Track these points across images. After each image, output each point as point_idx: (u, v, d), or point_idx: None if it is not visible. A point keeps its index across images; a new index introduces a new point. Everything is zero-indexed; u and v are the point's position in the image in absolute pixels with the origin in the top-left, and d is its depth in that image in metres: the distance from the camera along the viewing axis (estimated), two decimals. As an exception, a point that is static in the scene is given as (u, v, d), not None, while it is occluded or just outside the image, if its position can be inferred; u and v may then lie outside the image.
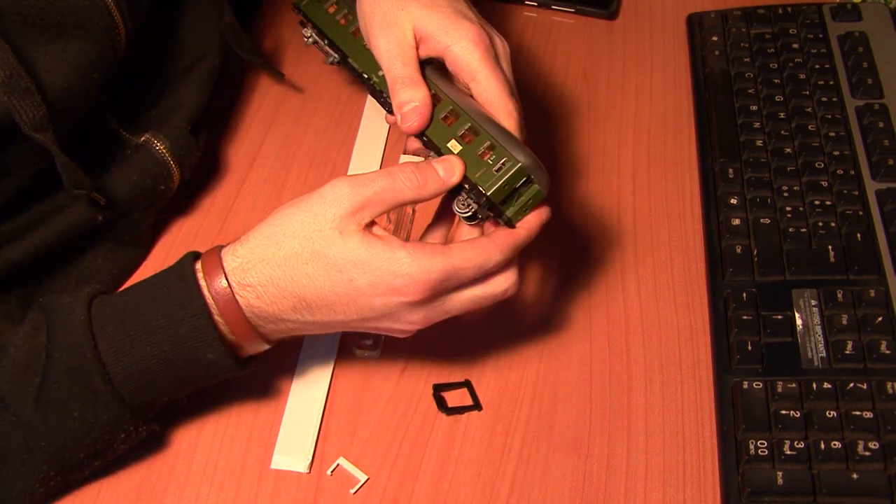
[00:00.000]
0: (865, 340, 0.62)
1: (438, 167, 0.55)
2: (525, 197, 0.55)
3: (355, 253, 0.52)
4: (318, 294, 0.53)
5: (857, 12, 0.83)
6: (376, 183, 0.53)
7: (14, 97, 0.54)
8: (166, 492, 0.59)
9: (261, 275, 0.53)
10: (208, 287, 0.54)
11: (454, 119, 0.58)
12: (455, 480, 0.60)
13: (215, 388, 0.64)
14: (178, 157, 0.68)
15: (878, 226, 0.68)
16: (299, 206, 0.54)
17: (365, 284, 0.52)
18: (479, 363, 0.66)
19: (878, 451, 0.57)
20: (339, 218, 0.52)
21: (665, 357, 0.66)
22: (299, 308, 0.54)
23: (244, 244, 0.54)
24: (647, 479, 0.60)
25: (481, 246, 0.54)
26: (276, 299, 0.54)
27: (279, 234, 0.53)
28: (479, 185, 0.55)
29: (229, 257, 0.54)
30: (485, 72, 0.58)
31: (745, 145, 0.75)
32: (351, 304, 0.53)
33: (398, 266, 0.52)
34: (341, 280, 0.52)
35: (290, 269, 0.53)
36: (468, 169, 0.56)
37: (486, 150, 0.56)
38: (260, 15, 0.90)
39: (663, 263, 0.71)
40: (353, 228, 0.52)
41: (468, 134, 0.57)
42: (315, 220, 0.53)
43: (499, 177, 0.54)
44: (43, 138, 0.56)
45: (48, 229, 0.62)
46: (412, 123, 0.58)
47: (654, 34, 0.89)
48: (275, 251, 0.53)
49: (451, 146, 0.57)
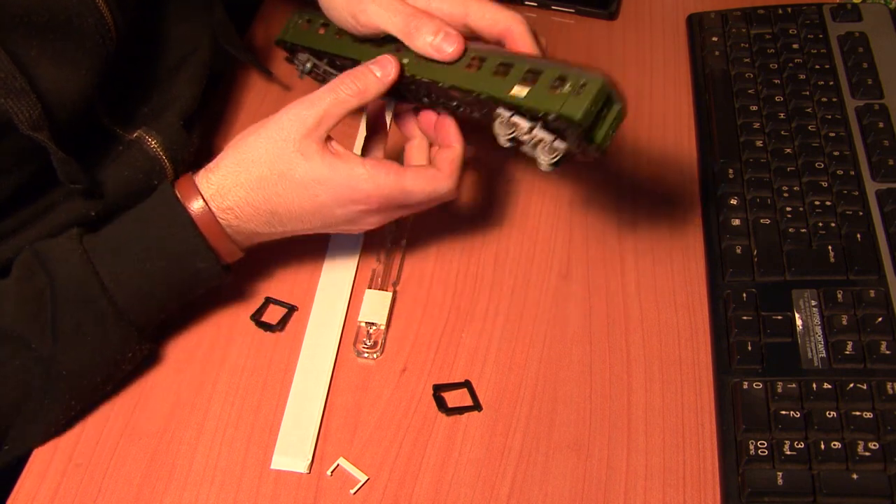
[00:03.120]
0: (865, 341, 0.62)
1: (374, 68, 0.60)
2: (609, 119, 0.54)
3: (318, 171, 0.58)
4: (287, 209, 0.60)
5: (857, 12, 0.83)
6: (323, 100, 0.59)
7: (10, 98, 0.55)
8: (166, 492, 0.59)
9: (236, 197, 0.60)
10: (189, 207, 0.60)
11: (507, 70, 0.57)
12: (455, 480, 0.60)
13: (215, 387, 0.64)
14: (170, 152, 0.69)
15: (878, 226, 0.68)
16: (260, 134, 0.60)
17: (328, 199, 0.59)
18: (479, 363, 0.66)
19: (878, 451, 0.57)
20: (299, 140, 0.58)
21: (665, 357, 0.66)
22: (272, 222, 0.61)
23: (216, 172, 0.60)
24: (647, 479, 0.60)
25: (432, 176, 0.61)
26: (251, 217, 0.60)
27: (247, 160, 0.59)
28: (566, 114, 0.52)
29: (204, 184, 0.60)
30: (471, 2, 0.61)
31: (745, 145, 0.75)
32: (316, 214, 0.60)
33: (357, 181, 0.59)
34: (307, 195, 0.59)
35: (261, 190, 0.59)
36: (546, 104, 0.53)
37: (555, 83, 0.54)
38: (259, 15, 0.90)
39: (663, 263, 0.71)
40: (314, 148, 0.59)
41: (529, 76, 0.55)
42: (276, 144, 0.59)
43: (582, 99, 0.52)
44: (40, 137, 0.57)
45: (43, 226, 0.63)
46: (450, 48, 0.60)
47: (654, 34, 0.89)
48: (246, 176, 0.59)
49: (515, 93, 0.55)
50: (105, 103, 0.67)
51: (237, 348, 0.66)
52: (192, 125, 0.72)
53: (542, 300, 0.69)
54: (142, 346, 0.62)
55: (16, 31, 0.56)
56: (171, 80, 0.73)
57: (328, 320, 0.68)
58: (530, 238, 0.73)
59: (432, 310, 0.68)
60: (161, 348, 0.66)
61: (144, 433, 0.62)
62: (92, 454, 0.61)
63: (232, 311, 0.68)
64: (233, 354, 0.66)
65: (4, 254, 0.62)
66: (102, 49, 0.62)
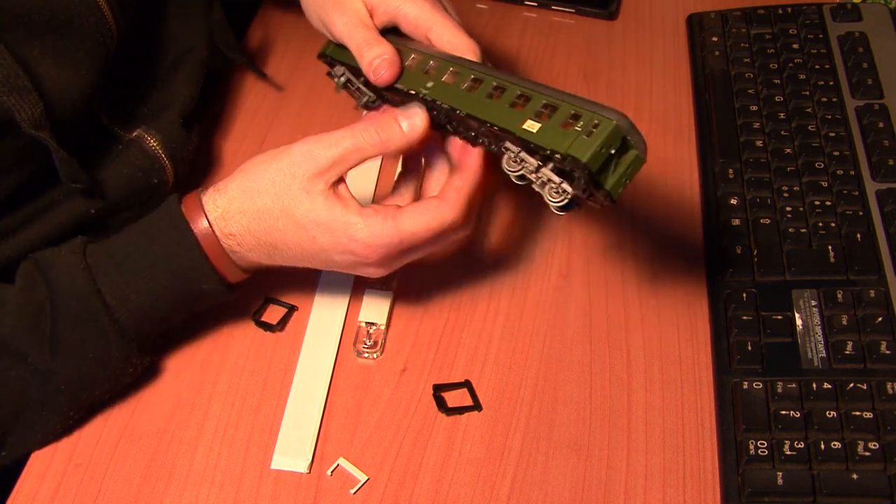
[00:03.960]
0: (865, 341, 0.62)
1: (402, 120, 0.58)
2: (623, 165, 0.50)
3: (317, 214, 0.56)
4: (286, 245, 0.58)
5: (857, 12, 0.83)
6: (342, 143, 0.57)
7: (12, 96, 0.55)
8: (166, 492, 0.59)
9: (239, 225, 0.58)
10: (194, 227, 0.58)
11: (525, 102, 0.54)
12: (455, 480, 0.60)
13: (215, 387, 0.64)
14: (170, 150, 0.69)
15: (878, 226, 0.68)
16: (270, 164, 0.58)
17: (326, 243, 0.57)
18: (479, 363, 0.66)
19: (878, 451, 0.57)
20: (307, 179, 0.56)
21: (665, 357, 0.66)
22: (272, 254, 0.59)
23: (223, 194, 0.59)
24: (647, 479, 0.60)
25: (433, 209, 0.57)
26: (252, 247, 0.59)
27: (253, 189, 0.58)
28: (573, 155, 0.49)
29: (210, 205, 0.59)
30: (438, 18, 0.62)
31: (745, 145, 0.75)
32: (315, 256, 0.59)
33: (353, 231, 0.56)
34: (306, 236, 0.57)
35: (263, 221, 0.58)
36: (555, 143, 0.51)
37: (568, 121, 0.51)
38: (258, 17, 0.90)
39: (663, 263, 0.71)
40: (320, 188, 0.56)
41: (544, 111, 0.53)
42: (284, 178, 0.57)
43: (592, 140, 0.49)
44: (42, 135, 0.57)
45: (43, 225, 0.63)
46: (384, 73, 0.61)
47: (654, 34, 0.89)
48: (250, 204, 0.58)
49: (527, 127, 0.53)
50: (105, 102, 0.67)
51: (237, 348, 0.66)
52: (191, 124, 0.72)
53: (542, 300, 0.69)
54: (142, 360, 0.62)
55: (17, 31, 0.57)
56: (169, 79, 0.73)
57: (328, 320, 0.68)
58: (530, 238, 0.73)
59: (432, 310, 0.68)
60: (161, 348, 0.66)
61: (144, 433, 0.62)
62: (92, 454, 0.61)
63: (232, 311, 0.68)
64: (233, 354, 0.66)
65: (4, 252, 0.62)
66: (103, 48, 0.62)
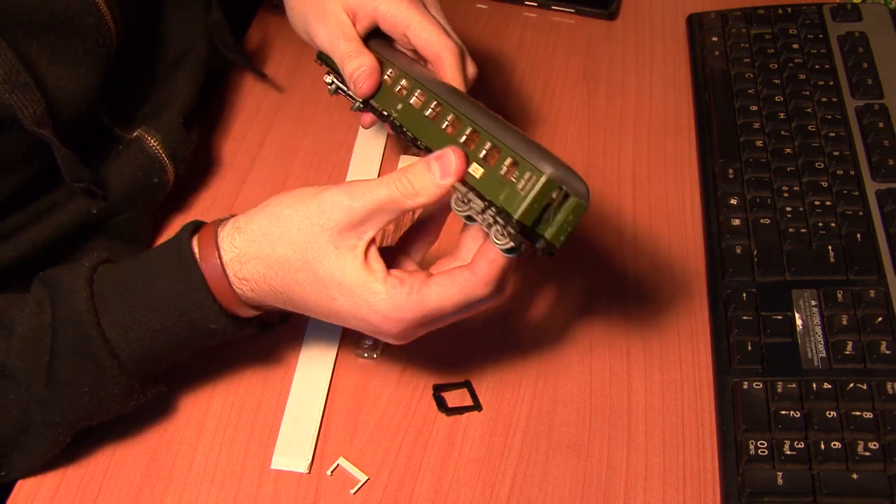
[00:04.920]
0: (865, 341, 0.62)
1: (434, 167, 0.51)
2: (564, 213, 0.49)
3: (341, 275, 0.52)
4: (304, 300, 0.54)
5: (857, 12, 0.83)
6: (376, 194, 0.51)
7: (14, 93, 0.55)
8: (166, 492, 0.59)
9: (255, 271, 0.54)
10: (204, 266, 0.54)
11: (477, 139, 0.52)
12: (455, 480, 0.60)
13: (215, 388, 0.64)
14: (170, 150, 0.69)
15: (878, 226, 0.68)
16: (298, 210, 0.53)
17: (345, 307, 0.53)
18: (479, 363, 0.66)
19: (878, 451, 0.57)
20: (337, 232, 0.52)
21: (665, 357, 0.66)
22: (287, 304, 0.55)
23: (242, 234, 0.54)
24: (647, 479, 0.60)
25: (462, 283, 0.51)
26: (267, 294, 0.55)
27: (275, 234, 0.53)
28: (507, 209, 0.48)
29: (226, 244, 0.54)
30: (415, 16, 0.62)
31: (745, 145, 0.75)
32: (332, 316, 0.54)
33: (374, 300, 0.51)
34: (326, 296, 0.53)
35: (281, 272, 0.53)
36: (492, 192, 0.50)
37: (509, 169, 0.50)
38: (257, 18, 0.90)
39: (663, 263, 0.71)
40: (350, 244, 0.52)
41: (491, 154, 0.51)
42: (311, 229, 0.52)
43: (524, 196, 0.48)
44: (44, 133, 0.57)
45: (45, 226, 0.63)
46: (363, 85, 0.61)
47: (654, 34, 0.89)
48: (269, 251, 0.53)
49: (472, 171, 0.51)
50: (105, 102, 0.67)
51: (237, 348, 0.66)
52: (191, 124, 0.72)
53: (542, 300, 0.69)
54: (146, 392, 0.58)
55: (16, 30, 0.57)
56: (168, 79, 0.73)
57: (328, 320, 0.68)
58: (530, 238, 0.73)
59: (432, 310, 0.68)
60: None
61: (144, 433, 0.62)
62: (92, 454, 0.61)
63: (232, 311, 0.68)
64: (233, 355, 0.66)
65: (9, 253, 0.62)
66: (102, 49, 0.62)
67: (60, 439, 0.58)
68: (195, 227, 0.56)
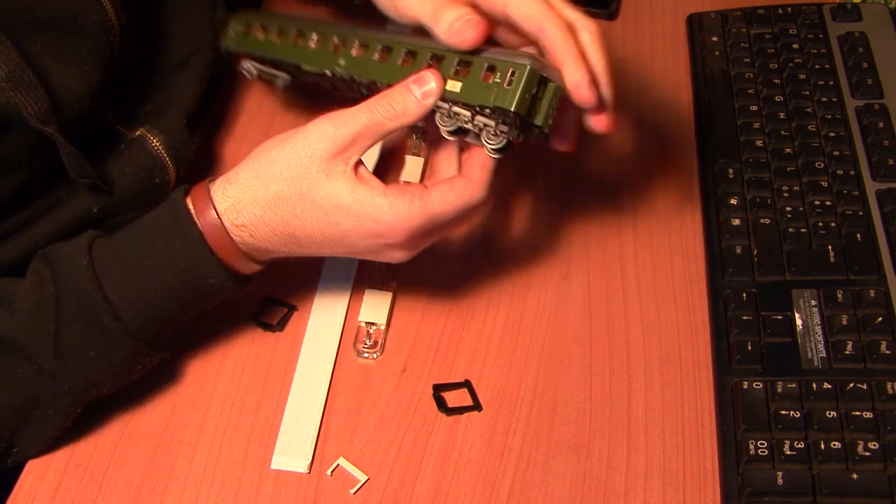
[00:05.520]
0: (865, 340, 0.62)
1: (415, 89, 0.55)
2: (546, 99, 0.53)
3: (340, 197, 0.54)
4: (306, 232, 0.56)
5: (857, 12, 0.83)
6: (358, 119, 0.54)
7: (19, 91, 0.55)
8: (166, 492, 0.59)
9: (252, 215, 0.56)
10: (201, 221, 0.56)
11: (438, 63, 0.56)
12: (455, 480, 0.60)
13: (216, 387, 0.64)
14: (172, 150, 0.69)
15: (878, 226, 0.68)
16: (284, 148, 0.55)
17: (349, 228, 0.55)
18: (479, 363, 0.66)
19: (878, 451, 0.57)
20: (325, 160, 0.54)
21: (665, 357, 0.66)
22: (289, 243, 0.57)
23: (233, 183, 0.56)
24: (647, 479, 0.60)
25: (461, 188, 0.56)
26: (267, 236, 0.56)
27: (267, 175, 0.55)
28: (500, 106, 0.52)
29: (219, 196, 0.56)
30: None
31: (745, 145, 0.75)
32: (338, 242, 0.56)
33: (378, 213, 0.54)
34: (328, 222, 0.55)
35: (279, 209, 0.55)
36: (480, 97, 0.53)
37: (486, 74, 0.53)
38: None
39: (663, 263, 0.71)
40: (340, 170, 0.54)
41: (461, 69, 0.55)
42: (301, 161, 0.54)
43: (514, 89, 0.52)
44: (49, 130, 0.57)
45: (46, 225, 0.63)
46: (471, 34, 0.55)
47: (654, 34, 0.89)
48: (264, 192, 0.55)
49: (450, 88, 0.55)
50: (108, 101, 0.67)
51: (237, 348, 0.66)
52: (194, 124, 0.72)
53: (542, 300, 0.69)
54: (152, 358, 0.60)
55: (20, 28, 0.57)
56: (173, 79, 0.73)
57: (328, 320, 0.68)
58: (530, 238, 0.73)
59: (432, 310, 0.68)
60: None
61: (144, 433, 0.62)
62: (92, 454, 0.61)
63: (232, 311, 0.68)
64: (233, 354, 0.66)
65: (10, 252, 0.62)
66: (106, 46, 0.62)
67: (71, 410, 0.59)
68: (186, 189, 0.58)
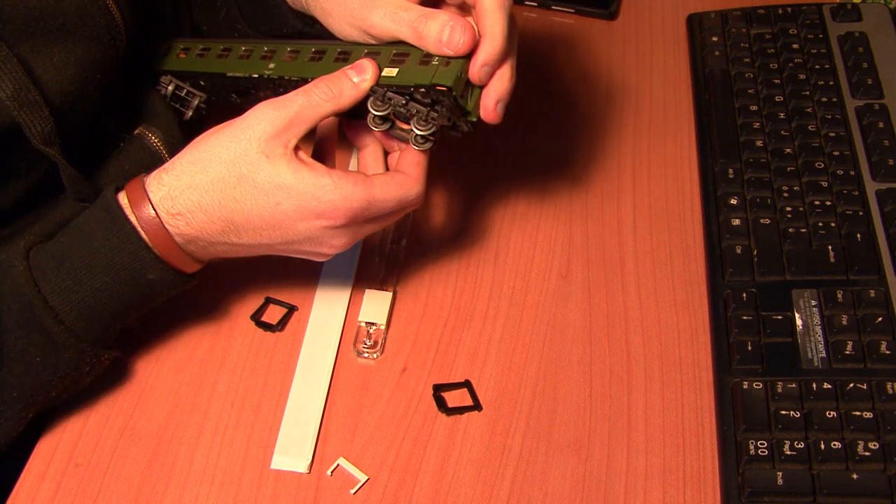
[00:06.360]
0: (865, 341, 0.62)
1: (351, 73, 0.56)
2: (476, 90, 0.57)
3: (282, 178, 0.53)
4: (245, 217, 0.55)
5: (857, 12, 0.83)
6: (295, 102, 0.55)
7: (23, 111, 0.55)
8: (166, 492, 0.59)
9: (188, 201, 0.55)
10: (136, 215, 0.55)
11: (375, 56, 0.58)
12: (455, 480, 0.60)
13: (216, 387, 0.64)
14: (171, 147, 0.69)
15: (878, 226, 0.68)
16: (223, 132, 0.55)
17: (290, 209, 0.54)
18: (479, 363, 0.66)
19: (878, 451, 0.57)
20: (265, 141, 0.54)
21: (665, 357, 0.66)
22: (227, 231, 0.56)
23: (169, 172, 0.56)
24: (647, 479, 0.60)
25: (401, 180, 0.57)
26: (204, 224, 0.55)
27: (205, 159, 0.55)
28: (439, 83, 0.54)
29: (154, 186, 0.55)
30: None
31: (745, 145, 0.75)
32: (277, 227, 0.55)
33: (322, 192, 0.54)
34: (268, 203, 0.54)
35: (217, 193, 0.54)
36: (418, 78, 0.55)
37: (423, 60, 0.56)
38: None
39: (663, 263, 0.71)
40: (280, 152, 0.54)
41: (397, 59, 0.57)
42: (240, 144, 0.54)
43: (451, 69, 0.54)
44: (51, 152, 0.57)
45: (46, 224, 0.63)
46: (464, 39, 0.54)
47: (654, 34, 0.89)
48: (202, 177, 0.54)
49: (386, 73, 0.56)
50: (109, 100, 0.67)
51: (237, 348, 0.66)
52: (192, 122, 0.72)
53: (542, 300, 0.69)
54: (101, 358, 0.59)
55: (31, 36, 0.56)
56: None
57: (328, 320, 0.68)
58: (530, 238, 0.73)
59: (432, 310, 0.68)
60: (161, 348, 0.66)
61: (144, 433, 0.62)
62: (92, 454, 0.61)
63: (232, 311, 0.68)
64: (233, 354, 0.66)
65: None
66: (113, 51, 0.62)
67: (22, 415, 0.57)
68: (116, 187, 0.57)
